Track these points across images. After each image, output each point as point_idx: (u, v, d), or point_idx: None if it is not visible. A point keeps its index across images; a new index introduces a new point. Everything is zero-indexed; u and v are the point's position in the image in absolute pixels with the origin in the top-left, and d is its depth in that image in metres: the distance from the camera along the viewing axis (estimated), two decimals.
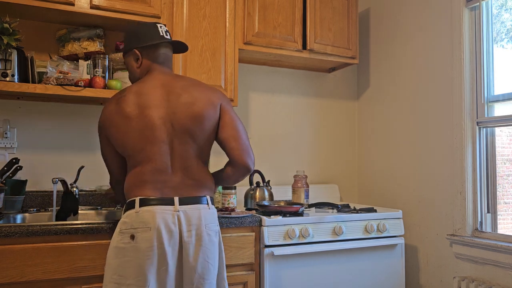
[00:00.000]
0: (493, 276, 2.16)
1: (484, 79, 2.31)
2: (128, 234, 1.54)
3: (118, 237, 1.55)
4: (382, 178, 2.96)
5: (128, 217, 1.56)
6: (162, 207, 1.56)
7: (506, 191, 2.29)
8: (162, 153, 1.61)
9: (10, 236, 1.68)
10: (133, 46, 1.74)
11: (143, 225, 1.54)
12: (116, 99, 1.67)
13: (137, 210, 1.55)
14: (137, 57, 1.74)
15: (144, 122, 1.61)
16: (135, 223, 1.54)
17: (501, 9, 2.34)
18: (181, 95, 1.65)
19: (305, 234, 2.18)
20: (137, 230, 1.53)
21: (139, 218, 1.54)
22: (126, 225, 1.55)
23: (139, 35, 1.74)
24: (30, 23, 2.30)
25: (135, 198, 1.58)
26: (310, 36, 2.66)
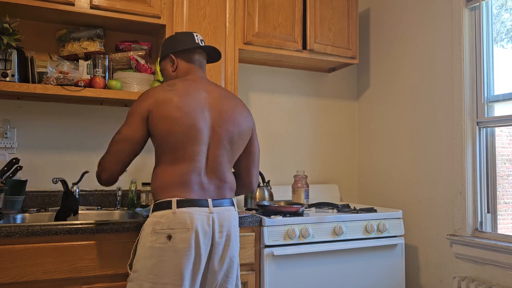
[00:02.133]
0: (493, 276, 2.16)
1: (484, 79, 2.31)
2: (165, 234, 1.55)
3: (153, 237, 1.56)
4: (382, 178, 2.96)
5: (164, 218, 1.57)
6: (198, 208, 1.61)
7: (506, 191, 2.29)
8: (201, 155, 1.66)
9: (10, 236, 1.68)
10: (168, 51, 1.81)
11: (181, 226, 1.56)
12: (168, 87, 1.68)
13: (174, 211, 1.57)
14: (172, 61, 1.80)
15: (191, 122, 1.63)
16: (172, 224, 1.56)
17: (501, 9, 2.34)
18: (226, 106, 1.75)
19: (305, 234, 2.18)
20: (175, 230, 1.56)
21: (177, 219, 1.57)
22: (161, 225, 1.56)
23: (175, 41, 1.80)
24: (30, 23, 2.30)
25: (172, 198, 1.59)
26: (310, 36, 2.66)
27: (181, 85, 1.70)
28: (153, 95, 1.65)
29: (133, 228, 1.86)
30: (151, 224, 1.58)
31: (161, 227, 1.56)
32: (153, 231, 1.56)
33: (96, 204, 2.42)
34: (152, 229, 1.57)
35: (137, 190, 2.45)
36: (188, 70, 1.79)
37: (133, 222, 1.88)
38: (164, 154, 1.64)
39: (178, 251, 1.55)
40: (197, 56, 1.82)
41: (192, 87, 1.72)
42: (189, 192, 1.62)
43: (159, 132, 1.62)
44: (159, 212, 1.58)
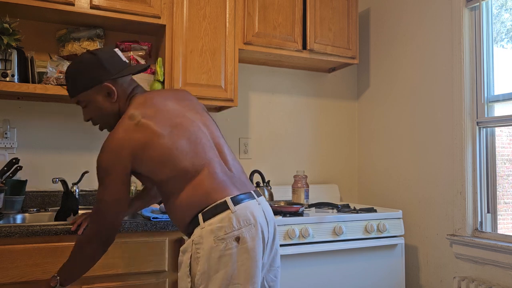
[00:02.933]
0: (493, 276, 2.16)
1: (484, 79, 2.31)
2: (232, 238, 1.41)
3: (221, 245, 1.40)
4: (382, 178, 2.96)
5: (223, 221, 1.41)
6: (251, 201, 1.50)
7: (506, 191, 2.29)
8: (213, 154, 1.52)
9: (10, 236, 1.68)
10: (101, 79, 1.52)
11: (246, 223, 1.43)
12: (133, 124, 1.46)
13: (234, 210, 1.43)
14: (109, 92, 1.53)
15: (183, 135, 1.48)
16: (236, 224, 1.42)
17: (501, 9, 2.34)
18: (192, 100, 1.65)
19: (305, 234, 2.18)
20: (242, 230, 1.42)
21: (240, 217, 1.43)
22: (224, 229, 1.41)
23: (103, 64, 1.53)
24: (30, 23, 2.30)
25: (225, 198, 1.44)
26: (310, 36, 2.66)
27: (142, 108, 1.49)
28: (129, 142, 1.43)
29: (133, 228, 1.86)
30: (210, 233, 1.41)
31: (225, 231, 1.40)
32: (217, 239, 1.40)
33: None
34: (215, 237, 1.40)
35: (137, 190, 2.44)
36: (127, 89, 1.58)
37: (133, 222, 1.88)
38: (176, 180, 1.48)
39: (250, 250, 1.43)
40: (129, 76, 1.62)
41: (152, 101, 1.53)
42: (233, 189, 1.49)
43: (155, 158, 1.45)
44: (213, 218, 1.42)
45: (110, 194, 1.44)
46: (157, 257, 1.91)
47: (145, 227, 1.89)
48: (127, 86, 1.58)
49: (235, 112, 2.83)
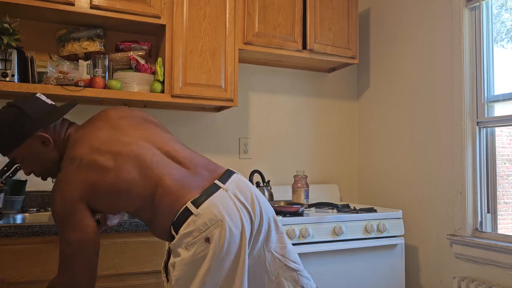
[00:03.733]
0: (493, 276, 2.16)
1: (484, 79, 2.31)
2: (201, 240, 1.34)
3: (192, 250, 1.34)
4: (382, 178, 2.96)
5: (189, 226, 1.35)
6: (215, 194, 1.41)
7: (506, 191, 2.29)
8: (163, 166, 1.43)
9: (10, 236, 1.68)
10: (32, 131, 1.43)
11: (212, 222, 1.35)
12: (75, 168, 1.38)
13: (197, 213, 1.36)
14: (45, 141, 1.45)
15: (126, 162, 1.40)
16: (202, 226, 1.35)
17: (501, 9, 2.34)
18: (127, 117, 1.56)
19: (305, 234, 2.18)
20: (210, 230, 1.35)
21: (205, 217, 1.36)
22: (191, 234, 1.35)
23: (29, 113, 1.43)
24: (30, 23, 2.30)
25: (185, 204, 1.38)
26: (310, 36, 2.66)
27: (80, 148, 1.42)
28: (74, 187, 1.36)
29: (133, 228, 1.86)
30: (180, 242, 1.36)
31: (193, 236, 1.35)
32: (187, 244, 1.35)
33: None
34: (185, 243, 1.35)
35: None
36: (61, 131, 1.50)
37: (133, 222, 1.88)
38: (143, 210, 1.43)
39: (224, 248, 1.35)
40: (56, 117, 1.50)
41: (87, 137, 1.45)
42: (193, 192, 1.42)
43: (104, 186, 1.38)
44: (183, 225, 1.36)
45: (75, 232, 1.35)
46: (157, 257, 1.91)
47: (145, 227, 1.89)
48: (60, 128, 1.50)
49: (235, 112, 2.83)
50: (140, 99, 2.29)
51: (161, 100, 2.32)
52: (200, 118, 2.73)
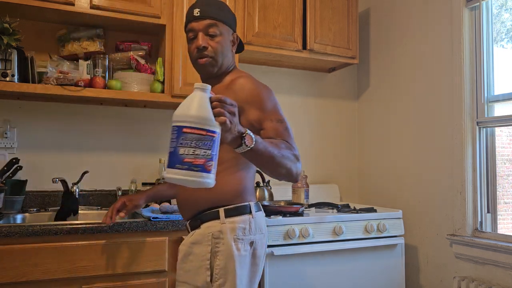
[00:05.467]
0: (493, 276, 2.16)
1: (484, 79, 2.31)
2: (248, 241, 1.46)
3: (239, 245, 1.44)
4: (382, 178, 2.96)
5: (244, 223, 1.46)
6: (262, 212, 1.58)
7: (506, 191, 2.30)
8: None
9: (10, 236, 1.68)
10: (234, 28, 1.60)
11: (259, 231, 1.50)
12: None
13: (254, 216, 1.48)
14: (234, 40, 1.60)
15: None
16: (254, 229, 1.48)
17: (501, 9, 2.34)
18: None
19: (305, 234, 2.18)
20: (256, 236, 1.48)
21: (256, 223, 1.49)
22: (243, 231, 1.45)
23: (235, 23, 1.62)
24: (30, 23, 2.30)
25: (249, 203, 1.50)
26: (310, 36, 2.66)
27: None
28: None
29: (133, 228, 1.86)
30: (231, 231, 1.43)
31: (243, 233, 1.45)
32: (236, 238, 1.43)
33: (96, 204, 2.42)
34: (235, 236, 1.43)
35: (137, 190, 2.45)
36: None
37: (133, 222, 1.88)
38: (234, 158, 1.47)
39: (258, 257, 1.50)
40: None
41: None
42: (254, 197, 1.57)
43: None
44: (238, 217, 1.46)
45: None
46: (157, 257, 1.91)
47: (145, 227, 1.89)
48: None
49: None
50: (140, 99, 2.29)
51: (161, 100, 2.32)
52: None
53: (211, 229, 1.44)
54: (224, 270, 1.40)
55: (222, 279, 1.40)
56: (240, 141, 1.19)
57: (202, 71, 1.56)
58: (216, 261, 1.41)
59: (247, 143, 1.20)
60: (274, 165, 1.32)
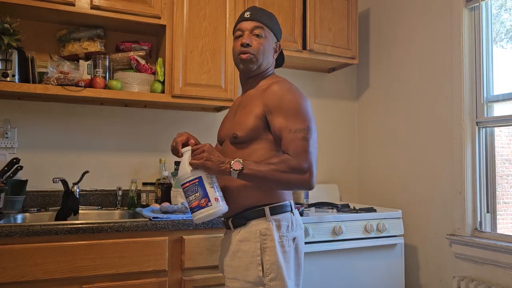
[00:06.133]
0: (492, 276, 2.17)
1: (483, 79, 2.31)
2: (292, 237, 1.55)
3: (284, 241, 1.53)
4: (382, 178, 2.97)
5: (287, 221, 1.55)
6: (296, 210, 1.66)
7: (505, 191, 2.30)
8: None
9: (11, 236, 1.69)
10: (279, 37, 1.72)
11: (300, 227, 1.61)
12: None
13: (294, 213, 1.59)
14: (275, 50, 1.71)
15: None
16: (295, 226, 1.58)
17: (501, 9, 2.34)
18: None
19: (305, 234, 2.18)
20: (297, 232, 1.58)
21: (297, 220, 1.59)
22: (287, 228, 1.54)
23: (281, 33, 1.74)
24: (31, 23, 2.30)
25: (290, 201, 1.59)
26: (310, 36, 2.66)
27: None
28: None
29: (133, 228, 1.87)
30: (277, 228, 1.52)
31: (287, 230, 1.54)
32: (281, 235, 1.53)
33: (97, 204, 2.43)
34: (280, 233, 1.52)
35: (137, 190, 2.45)
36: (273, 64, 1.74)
37: (133, 222, 1.88)
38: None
39: (300, 253, 1.60)
40: None
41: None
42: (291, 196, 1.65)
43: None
44: (282, 215, 1.54)
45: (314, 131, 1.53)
46: (157, 257, 1.91)
47: (145, 227, 1.89)
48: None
49: None
50: (141, 99, 2.30)
51: (161, 100, 2.32)
52: (200, 118, 2.73)
53: (259, 226, 1.51)
54: (274, 265, 1.49)
55: (273, 273, 1.48)
56: (229, 168, 1.44)
57: (243, 66, 1.64)
58: (265, 256, 1.49)
59: (235, 168, 1.44)
60: (268, 182, 1.47)
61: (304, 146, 1.48)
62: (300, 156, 1.47)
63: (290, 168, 1.46)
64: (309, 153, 1.48)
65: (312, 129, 1.51)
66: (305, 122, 1.50)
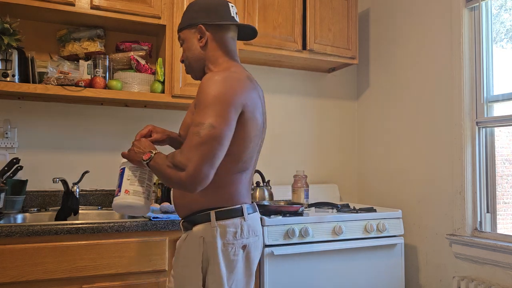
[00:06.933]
0: (492, 276, 2.17)
1: (483, 79, 2.31)
2: (240, 245, 1.45)
3: (229, 249, 1.42)
4: (381, 178, 2.97)
5: (236, 227, 1.44)
6: (257, 214, 1.57)
7: (505, 191, 2.30)
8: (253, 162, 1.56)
9: (11, 236, 1.69)
10: (198, 20, 1.49)
11: (253, 234, 1.49)
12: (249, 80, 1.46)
13: (246, 219, 1.47)
14: (201, 34, 1.51)
15: (259, 130, 1.50)
16: (246, 232, 1.46)
17: (501, 9, 2.34)
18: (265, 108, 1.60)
19: (305, 233, 2.19)
20: (249, 240, 1.47)
21: (249, 226, 1.48)
22: (235, 235, 1.43)
23: (208, 9, 1.50)
24: (31, 23, 2.30)
25: (242, 205, 1.48)
26: (310, 36, 2.66)
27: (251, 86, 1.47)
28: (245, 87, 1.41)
29: (133, 228, 1.87)
30: (222, 234, 1.42)
31: (235, 237, 1.43)
32: (227, 242, 1.42)
33: (97, 204, 2.43)
34: (226, 240, 1.42)
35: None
36: (225, 54, 1.53)
37: (133, 222, 1.88)
38: (238, 162, 1.45)
39: (252, 260, 1.50)
40: (231, 33, 1.54)
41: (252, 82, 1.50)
42: (248, 199, 1.55)
43: (245, 135, 1.43)
44: (229, 220, 1.43)
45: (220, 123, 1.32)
46: (157, 257, 1.91)
47: (145, 227, 1.89)
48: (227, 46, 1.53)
49: None
50: (141, 99, 2.30)
51: (161, 100, 2.32)
52: None
53: (203, 232, 1.42)
54: (215, 275, 1.40)
55: (214, 284, 1.40)
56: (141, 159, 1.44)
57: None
58: (208, 266, 1.41)
59: (144, 158, 1.44)
60: (160, 176, 1.39)
61: (193, 141, 1.30)
62: (184, 151, 1.32)
63: (172, 163, 1.33)
64: (195, 149, 1.29)
65: (214, 126, 1.30)
66: (209, 118, 1.31)
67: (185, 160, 1.30)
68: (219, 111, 1.33)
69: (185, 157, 1.30)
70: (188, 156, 1.30)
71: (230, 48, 1.54)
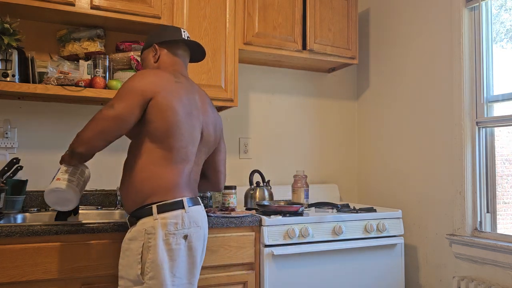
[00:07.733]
0: (492, 276, 2.17)
1: (483, 79, 2.31)
2: (182, 235, 1.58)
3: (170, 239, 1.55)
4: (381, 178, 2.97)
5: (177, 218, 1.58)
6: (199, 206, 1.70)
7: (505, 191, 2.30)
8: (194, 156, 1.72)
9: (11, 236, 1.69)
10: (152, 41, 1.80)
11: (195, 224, 1.63)
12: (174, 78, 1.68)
13: (187, 211, 1.61)
14: (155, 51, 1.79)
15: (192, 122, 1.68)
16: (187, 223, 1.60)
17: (501, 9, 2.34)
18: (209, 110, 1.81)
19: (305, 233, 2.19)
20: (190, 230, 1.61)
21: (190, 218, 1.62)
22: (176, 226, 1.57)
23: (160, 33, 1.80)
24: (31, 23, 2.30)
25: (182, 198, 1.61)
26: (310, 36, 2.66)
27: (184, 81, 1.72)
28: (160, 80, 1.62)
29: None
30: (163, 226, 1.55)
31: (176, 228, 1.57)
32: (168, 233, 1.55)
33: (97, 204, 2.43)
34: (167, 231, 1.55)
35: None
36: (172, 64, 1.78)
37: None
38: (162, 151, 1.60)
39: (194, 249, 1.63)
40: (181, 51, 1.82)
41: (189, 85, 1.75)
42: (189, 192, 1.68)
43: (160, 124, 1.59)
44: (169, 212, 1.57)
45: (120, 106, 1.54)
46: None
47: None
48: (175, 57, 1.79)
49: (235, 112, 2.84)
50: None
51: None
52: None
53: (145, 225, 1.55)
54: (154, 263, 1.51)
55: (152, 272, 1.51)
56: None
57: None
58: (148, 255, 1.52)
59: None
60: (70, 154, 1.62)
61: (94, 116, 1.55)
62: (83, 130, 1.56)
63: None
64: (89, 123, 1.54)
65: (114, 106, 1.54)
66: (113, 100, 1.56)
67: (80, 132, 1.56)
68: (121, 95, 1.56)
69: (82, 130, 1.56)
70: (83, 129, 1.55)
71: (179, 61, 1.80)
